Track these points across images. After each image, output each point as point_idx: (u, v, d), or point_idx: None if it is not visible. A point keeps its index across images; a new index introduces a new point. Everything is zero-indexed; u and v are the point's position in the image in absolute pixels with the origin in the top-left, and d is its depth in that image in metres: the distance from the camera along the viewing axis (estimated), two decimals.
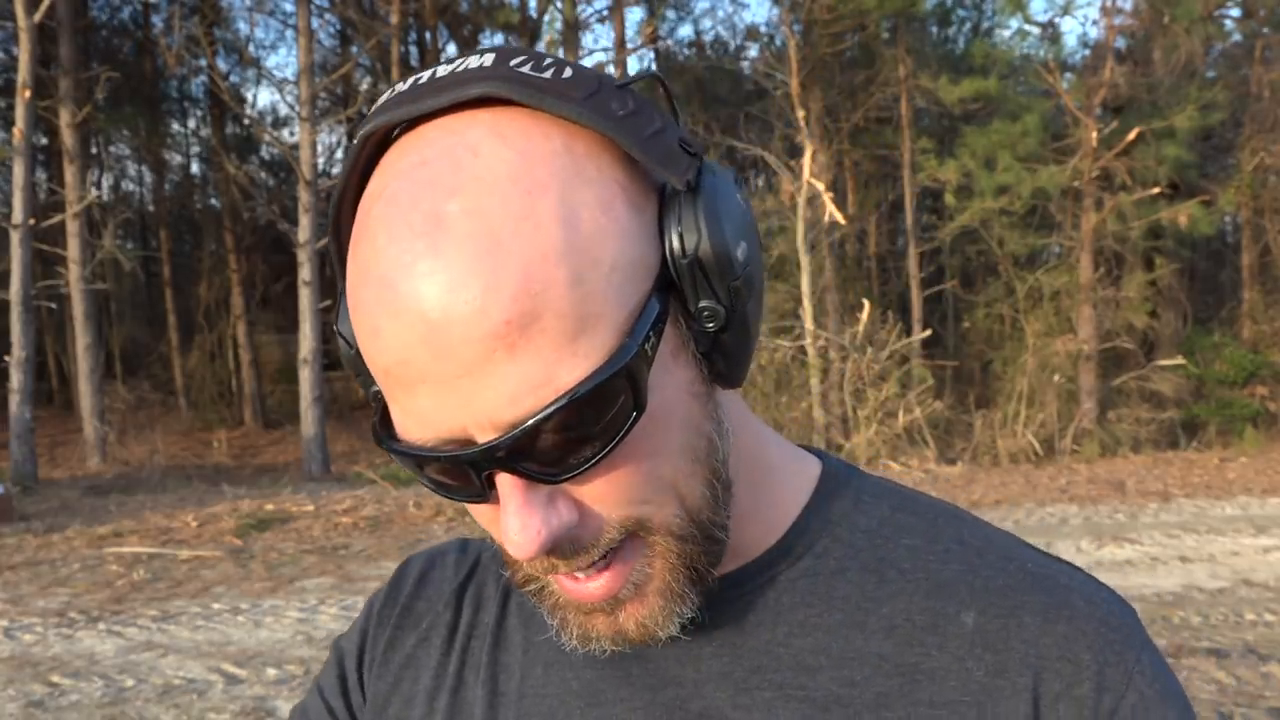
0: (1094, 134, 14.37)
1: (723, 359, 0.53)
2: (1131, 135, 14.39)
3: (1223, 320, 17.43)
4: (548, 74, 0.49)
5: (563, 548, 0.51)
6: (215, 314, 20.37)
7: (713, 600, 0.57)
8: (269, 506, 10.30)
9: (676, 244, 0.49)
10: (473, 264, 0.45)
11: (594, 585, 0.53)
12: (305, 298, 13.95)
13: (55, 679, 5.04)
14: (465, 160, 0.47)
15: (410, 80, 0.51)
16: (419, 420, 0.48)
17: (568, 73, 0.50)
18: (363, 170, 0.52)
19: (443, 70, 0.50)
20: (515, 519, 0.49)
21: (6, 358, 12.59)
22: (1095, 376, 14.61)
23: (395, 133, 0.51)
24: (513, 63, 0.49)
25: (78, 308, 14.06)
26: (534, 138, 0.48)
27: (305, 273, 13.94)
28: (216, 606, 6.43)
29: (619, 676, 0.60)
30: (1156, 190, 14.60)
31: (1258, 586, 6.44)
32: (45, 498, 11.27)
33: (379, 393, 0.54)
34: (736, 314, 0.51)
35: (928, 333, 15.40)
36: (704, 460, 0.53)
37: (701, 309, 0.50)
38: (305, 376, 14.07)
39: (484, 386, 0.46)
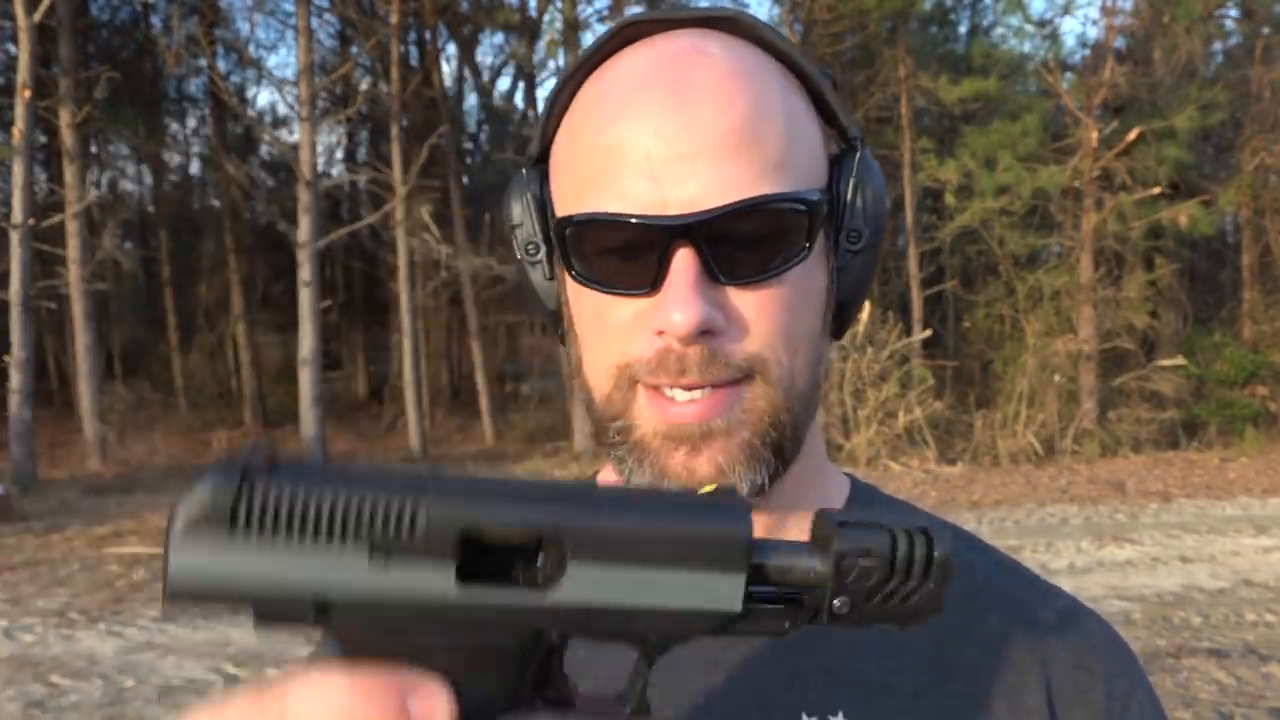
0: (1094, 134, 14.36)
1: (845, 287, 0.62)
2: (1132, 135, 14.38)
3: (1223, 320, 17.42)
4: (780, 31, 0.61)
5: (706, 341, 0.55)
6: (215, 314, 20.36)
7: None
8: None
9: (849, 178, 0.60)
10: (720, 80, 0.55)
11: (692, 408, 0.56)
12: (305, 298, 13.94)
13: (55, 679, 5.04)
14: (713, 49, 0.58)
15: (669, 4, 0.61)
16: (624, 195, 0.55)
17: (786, 38, 0.62)
18: (605, 54, 0.60)
19: (684, 3, 0.62)
20: (685, 293, 0.54)
21: (6, 358, 12.58)
22: (1095, 376, 14.60)
23: (638, 31, 0.60)
24: (749, 11, 0.62)
25: (78, 308, 14.05)
26: (764, 59, 0.59)
27: (305, 273, 13.92)
28: None
29: (666, 661, 0.61)
30: (1156, 190, 14.59)
31: (1258, 586, 6.44)
32: (45, 498, 11.26)
33: (533, 244, 0.63)
34: (873, 247, 0.61)
35: (928, 333, 15.40)
36: (816, 357, 0.60)
37: (853, 229, 0.60)
38: (305, 376, 14.05)
39: (700, 173, 0.54)
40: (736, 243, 0.54)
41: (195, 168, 24.54)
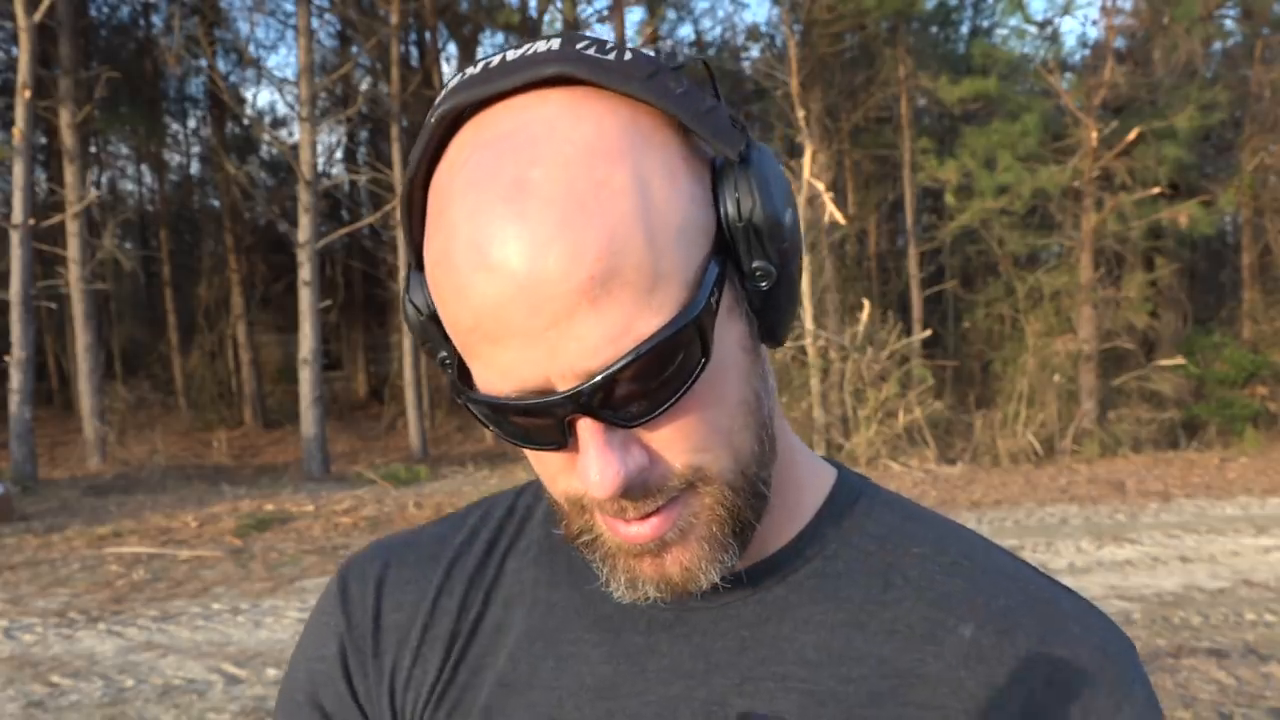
0: (1094, 134, 14.36)
1: (771, 316, 0.57)
2: (1131, 135, 14.38)
3: (1223, 320, 17.43)
4: (611, 56, 0.53)
5: (634, 490, 0.54)
6: (215, 314, 20.35)
7: (728, 596, 0.62)
8: (269, 506, 10.30)
9: (733, 209, 0.53)
10: (559, 225, 0.49)
11: (644, 529, 0.55)
12: (305, 298, 13.94)
13: (55, 679, 5.04)
14: (543, 132, 0.51)
15: (480, 64, 0.55)
16: (503, 373, 0.52)
17: (628, 55, 0.54)
18: (435, 149, 0.55)
19: (512, 54, 0.54)
20: (597, 460, 0.52)
21: (6, 358, 12.58)
22: (1095, 376, 14.60)
23: (465, 113, 0.54)
24: (579, 46, 0.53)
25: (78, 308, 14.05)
26: (604, 113, 0.52)
27: (305, 273, 13.93)
28: (216, 606, 6.43)
29: (634, 671, 0.62)
30: (1156, 190, 14.59)
31: (1258, 586, 6.44)
32: (45, 498, 11.26)
33: (446, 357, 0.58)
34: (785, 273, 0.56)
35: (928, 333, 15.40)
36: (755, 413, 0.57)
37: (755, 269, 0.54)
38: (305, 376, 14.05)
39: (569, 338, 0.50)
40: (632, 389, 0.51)
41: (195, 168, 24.55)
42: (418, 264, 0.58)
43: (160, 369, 21.33)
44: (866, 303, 13.33)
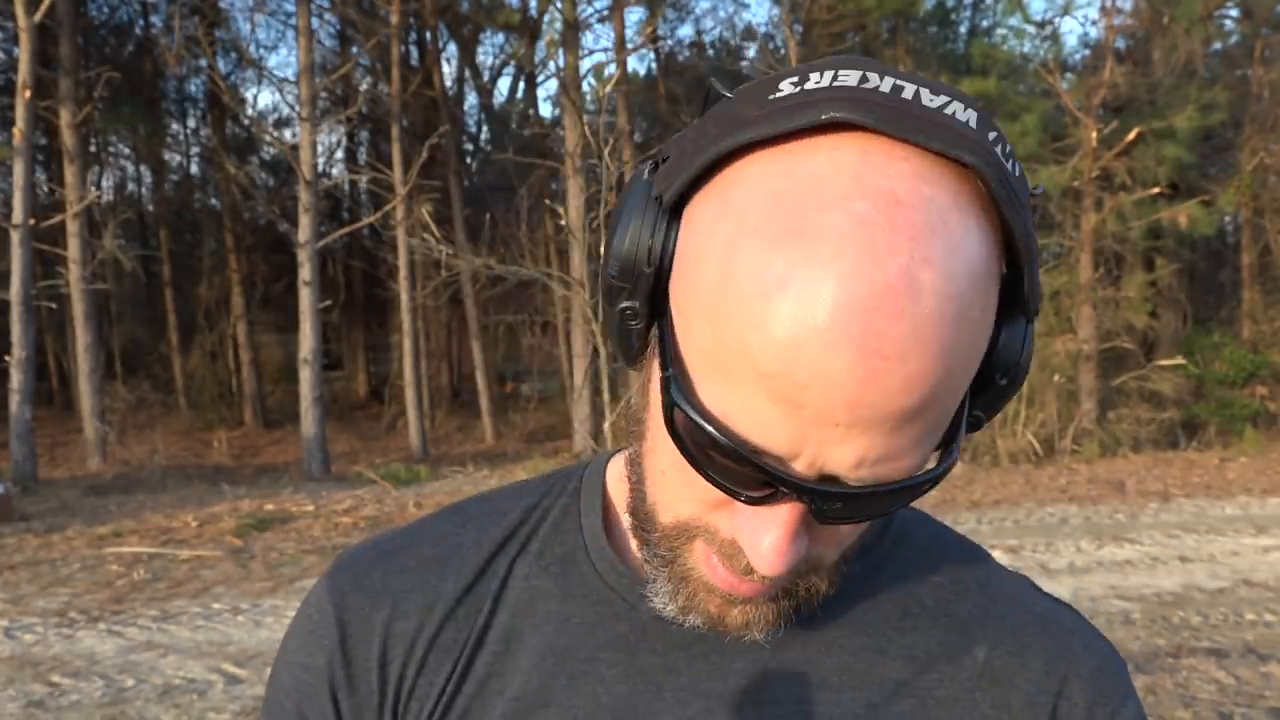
0: (1094, 134, 14.36)
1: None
2: (1131, 135, 14.38)
3: (1223, 320, 17.43)
4: (1010, 165, 0.49)
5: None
6: (215, 314, 20.35)
7: None
8: (269, 506, 10.30)
9: (1001, 363, 0.52)
10: (918, 344, 0.45)
11: (745, 587, 0.55)
12: (305, 298, 13.94)
13: (55, 679, 5.04)
14: (938, 228, 0.46)
15: (889, 81, 0.49)
16: (759, 423, 0.48)
17: (1020, 170, 0.50)
18: (792, 130, 0.48)
19: (930, 100, 0.48)
20: (780, 542, 0.51)
21: (6, 358, 12.59)
22: (1095, 376, 14.60)
23: (844, 126, 0.48)
24: (991, 136, 0.49)
25: (78, 308, 14.05)
26: (985, 229, 0.48)
27: (305, 273, 13.93)
28: (216, 606, 6.43)
29: (651, 692, 0.61)
30: (1156, 190, 14.60)
31: (1258, 586, 6.44)
32: (45, 498, 11.26)
33: (631, 309, 0.54)
34: (986, 423, 0.55)
35: None
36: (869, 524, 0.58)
37: (975, 415, 0.54)
38: (305, 376, 14.05)
39: (851, 444, 0.47)
40: (852, 504, 0.50)
41: (195, 168, 24.55)
42: (674, 204, 0.52)
43: (160, 369, 21.33)
44: None
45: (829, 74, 0.49)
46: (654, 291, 0.53)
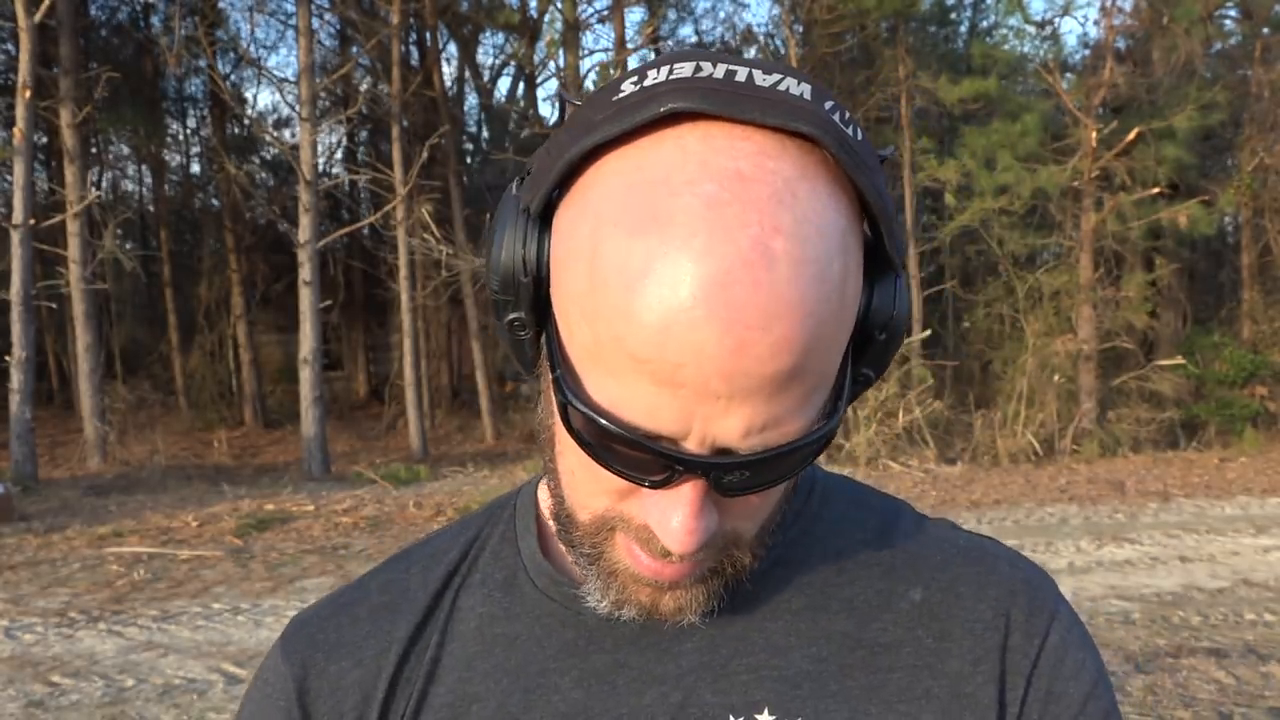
0: (1094, 134, 14.36)
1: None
2: (1131, 135, 14.38)
3: (1222, 320, 17.43)
4: (851, 131, 0.51)
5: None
6: (215, 314, 20.35)
7: None
8: (269, 506, 10.30)
9: (879, 320, 0.54)
10: (782, 310, 0.47)
11: (669, 570, 0.56)
12: (305, 297, 13.94)
13: (55, 679, 5.04)
14: (786, 196, 0.48)
15: (721, 67, 0.51)
16: (646, 408, 0.50)
17: (861, 134, 0.52)
18: (640, 127, 0.50)
19: (763, 78, 0.50)
20: (688, 520, 0.52)
21: (7, 358, 12.59)
22: (1095, 376, 14.60)
23: (688, 115, 0.50)
24: (828, 105, 0.51)
25: (78, 308, 14.05)
26: (836, 194, 0.50)
27: (305, 273, 13.93)
28: (216, 606, 6.44)
29: (605, 690, 0.62)
30: (1156, 190, 14.60)
31: (1258, 586, 6.45)
32: (45, 498, 11.26)
33: (518, 319, 0.55)
34: (875, 381, 0.57)
35: (928, 333, 15.40)
36: (790, 487, 0.60)
37: (862, 374, 0.56)
38: (305, 376, 14.05)
39: (731, 414, 0.49)
40: (752, 472, 0.51)
41: (195, 168, 24.56)
42: (541, 213, 0.54)
43: (160, 369, 21.33)
44: None
45: (664, 69, 0.51)
46: (535, 300, 0.55)
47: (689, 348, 0.47)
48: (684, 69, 0.51)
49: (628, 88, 0.52)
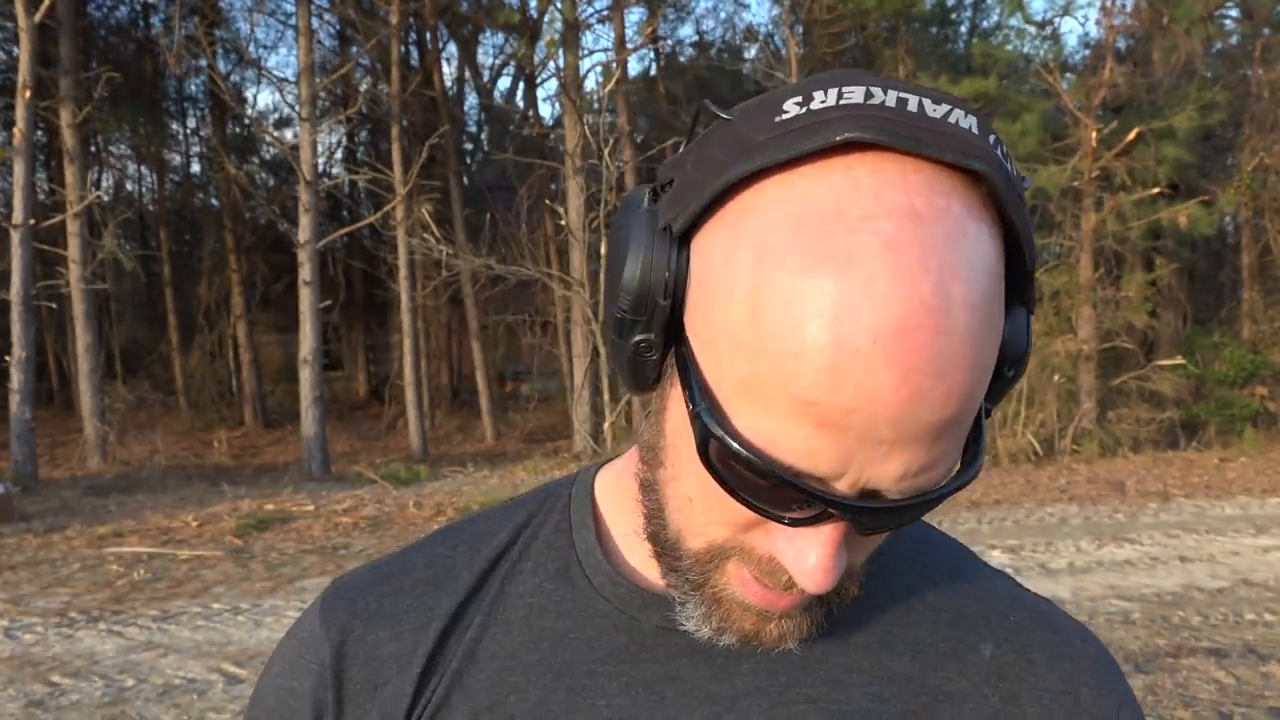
0: (1094, 134, 14.36)
1: None
2: (1131, 135, 14.38)
3: (1222, 320, 17.43)
4: (1010, 167, 0.50)
5: None
6: (215, 314, 20.35)
7: None
8: (269, 506, 10.31)
9: (1015, 356, 0.53)
10: (953, 360, 0.46)
11: (784, 601, 0.55)
12: (305, 298, 13.94)
13: (55, 679, 5.04)
14: (959, 239, 0.47)
15: (894, 95, 0.49)
16: (806, 452, 0.48)
17: (1015, 167, 0.51)
18: (807, 153, 0.48)
19: (934, 110, 0.49)
20: (826, 559, 0.51)
21: (7, 358, 12.59)
22: (1095, 376, 14.60)
23: (857, 145, 0.48)
24: (991, 139, 0.50)
25: (78, 308, 14.05)
26: (995, 237, 0.49)
27: (305, 273, 13.93)
28: (216, 606, 6.44)
29: (653, 700, 0.61)
30: (1156, 190, 14.60)
31: (1258, 586, 6.45)
32: (45, 498, 11.26)
33: (645, 343, 0.53)
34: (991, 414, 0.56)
35: None
36: None
37: (986, 408, 0.54)
38: (305, 376, 14.05)
39: (893, 459, 0.48)
40: (890, 516, 0.51)
41: (195, 168, 24.56)
42: (681, 234, 0.52)
43: (160, 369, 21.33)
44: None
45: (833, 91, 0.49)
46: (669, 323, 0.53)
47: (863, 393, 0.46)
48: (854, 94, 0.49)
49: (791, 108, 0.49)
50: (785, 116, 0.49)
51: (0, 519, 9.51)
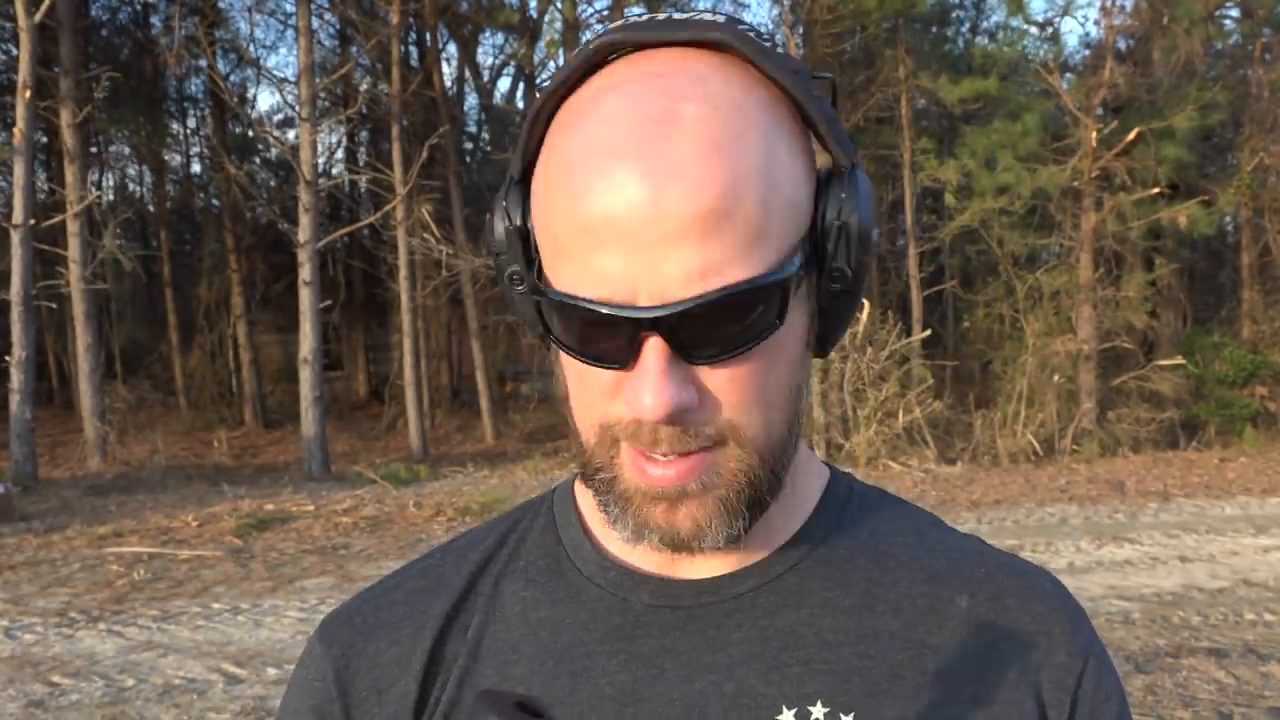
0: (1094, 134, 14.36)
1: (829, 322, 0.62)
2: (1131, 135, 14.39)
3: (1222, 320, 17.43)
4: (767, 43, 0.57)
5: (675, 421, 0.56)
6: (215, 314, 20.35)
7: (740, 588, 0.65)
8: (269, 506, 10.31)
9: (833, 211, 0.58)
10: (696, 155, 0.52)
11: (668, 471, 0.58)
12: (305, 297, 13.94)
13: (56, 679, 5.05)
14: (696, 82, 0.55)
15: (645, 15, 0.59)
16: (595, 277, 0.54)
17: (782, 49, 0.58)
18: (582, 73, 0.58)
19: (679, 14, 0.58)
20: (655, 381, 0.55)
21: (7, 358, 12.59)
22: (1095, 376, 14.60)
23: (617, 51, 0.58)
24: (740, 26, 0.58)
25: (78, 308, 14.05)
26: (752, 84, 0.56)
27: (305, 272, 13.93)
28: (216, 606, 6.44)
29: (653, 674, 0.63)
30: (1156, 190, 14.60)
31: (1257, 586, 6.45)
32: (45, 497, 11.27)
33: (516, 272, 0.61)
34: (856, 283, 0.60)
35: (927, 333, 15.40)
36: (794, 404, 0.61)
37: (835, 269, 0.59)
38: (305, 376, 14.06)
39: (671, 260, 0.53)
40: (707, 326, 0.54)
41: (196, 168, 24.56)
42: (521, 176, 0.61)
43: (160, 369, 21.32)
44: (866, 303, 13.33)
45: (604, 28, 0.59)
46: (525, 252, 0.61)
47: (617, 202, 0.52)
48: (620, 21, 0.59)
49: (577, 51, 0.59)
50: (571, 56, 0.59)
51: (0, 519, 9.51)
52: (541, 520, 0.71)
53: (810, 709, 0.61)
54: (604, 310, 0.53)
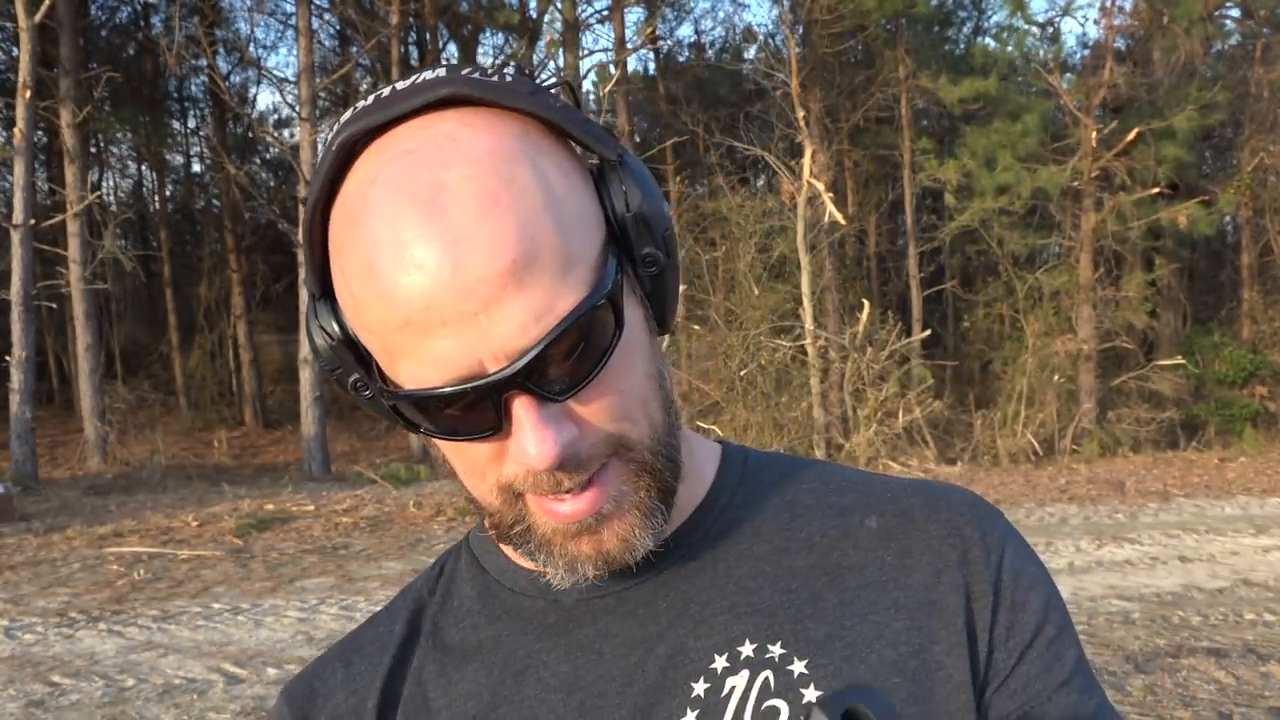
0: (1094, 134, 14.37)
1: (661, 302, 0.63)
2: (1131, 135, 14.39)
3: (1222, 320, 17.43)
4: (494, 78, 0.58)
5: (568, 461, 0.57)
6: (215, 314, 20.36)
7: (661, 564, 0.67)
8: (269, 506, 10.31)
9: (620, 203, 0.59)
10: (478, 216, 0.53)
11: (580, 504, 0.59)
12: (306, 297, 13.94)
13: (56, 679, 5.05)
14: (447, 144, 0.55)
15: (371, 96, 0.58)
16: (436, 363, 0.55)
17: (510, 76, 0.59)
18: (335, 175, 0.57)
19: (402, 84, 0.58)
20: (534, 433, 0.56)
21: (7, 358, 12.59)
22: (1095, 376, 14.61)
23: (360, 142, 0.57)
24: (464, 72, 0.58)
25: (78, 308, 14.05)
26: (497, 124, 0.56)
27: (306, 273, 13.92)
28: (216, 606, 6.44)
29: (592, 659, 0.66)
30: (1156, 190, 14.61)
31: (1257, 586, 6.45)
32: (46, 498, 11.27)
33: (359, 380, 0.61)
34: (670, 259, 0.61)
35: (927, 333, 15.40)
36: (661, 387, 0.63)
37: (646, 255, 0.60)
38: (305, 376, 14.06)
39: (498, 320, 0.53)
40: (558, 363, 0.55)
41: (196, 168, 24.55)
42: (322, 292, 0.61)
43: (160, 369, 21.33)
44: (866, 303, 13.33)
45: (345, 117, 0.59)
46: (358, 358, 0.61)
47: (425, 289, 0.53)
48: (345, 115, 0.59)
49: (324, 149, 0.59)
50: (318, 161, 0.59)
51: (0, 519, 9.51)
52: (464, 559, 0.74)
53: (740, 649, 0.64)
54: (460, 389, 0.54)
